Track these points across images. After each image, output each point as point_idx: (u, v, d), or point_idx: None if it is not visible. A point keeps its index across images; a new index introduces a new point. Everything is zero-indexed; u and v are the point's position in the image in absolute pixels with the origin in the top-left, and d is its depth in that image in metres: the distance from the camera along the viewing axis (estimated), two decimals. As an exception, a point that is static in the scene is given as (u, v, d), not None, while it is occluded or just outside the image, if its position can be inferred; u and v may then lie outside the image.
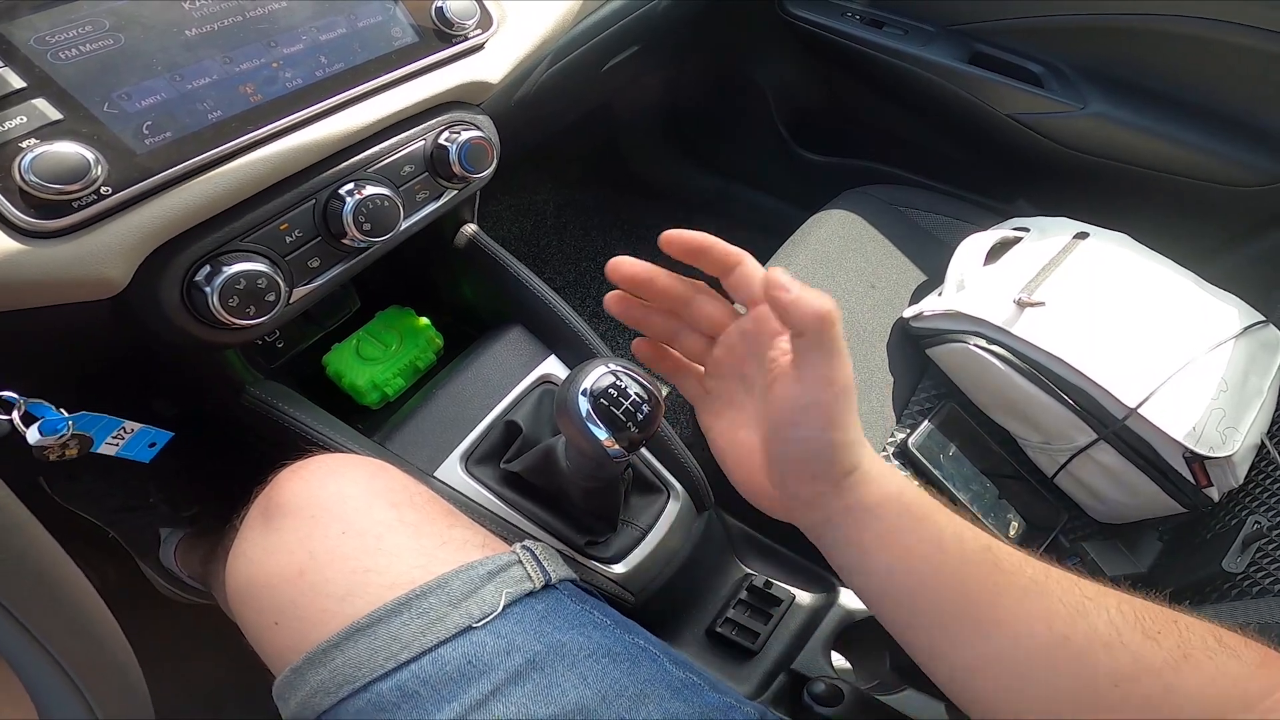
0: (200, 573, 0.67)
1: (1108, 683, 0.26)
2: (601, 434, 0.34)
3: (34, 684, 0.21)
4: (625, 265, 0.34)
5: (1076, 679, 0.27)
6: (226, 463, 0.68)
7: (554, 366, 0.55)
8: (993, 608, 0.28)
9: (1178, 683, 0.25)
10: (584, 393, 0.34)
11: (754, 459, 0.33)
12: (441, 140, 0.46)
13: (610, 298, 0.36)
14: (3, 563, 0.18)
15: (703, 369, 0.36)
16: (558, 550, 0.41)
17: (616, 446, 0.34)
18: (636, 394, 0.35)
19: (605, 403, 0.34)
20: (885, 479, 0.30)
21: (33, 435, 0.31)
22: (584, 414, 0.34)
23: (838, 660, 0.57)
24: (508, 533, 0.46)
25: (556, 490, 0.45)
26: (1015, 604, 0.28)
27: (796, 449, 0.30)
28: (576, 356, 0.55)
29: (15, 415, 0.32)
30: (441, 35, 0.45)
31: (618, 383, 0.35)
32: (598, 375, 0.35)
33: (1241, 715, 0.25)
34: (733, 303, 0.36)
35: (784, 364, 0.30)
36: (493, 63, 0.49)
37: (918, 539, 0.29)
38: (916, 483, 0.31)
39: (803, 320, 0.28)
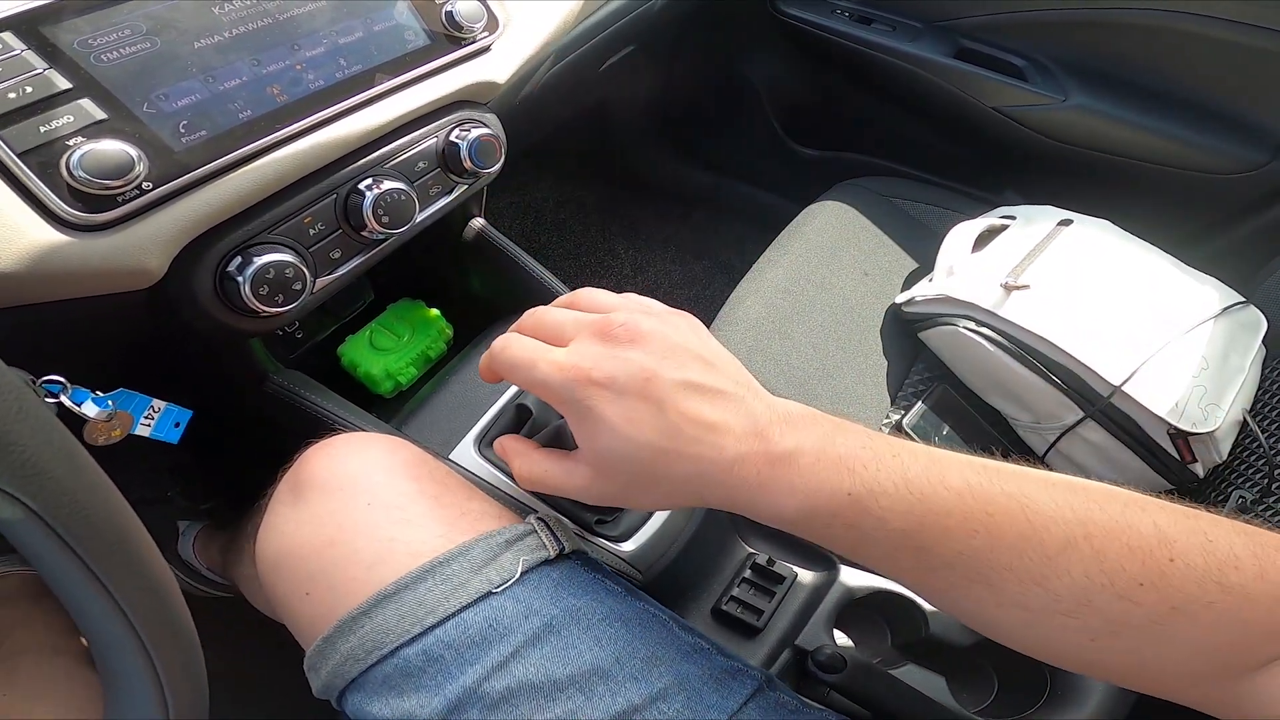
0: (219, 562, 0.69)
1: (1082, 640, 0.26)
2: None
3: (108, 649, 0.22)
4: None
5: (1045, 640, 0.26)
6: (242, 455, 0.70)
7: (562, 353, 0.57)
8: (933, 579, 0.27)
9: (1168, 634, 0.24)
10: None
11: None
12: (453, 137, 0.48)
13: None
14: (92, 527, 0.19)
15: None
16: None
17: None
18: None
19: None
20: (767, 486, 0.28)
21: (89, 408, 0.33)
22: None
23: (840, 637, 0.59)
24: (521, 511, 0.48)
25: None
26: (958, 578, 0.27)
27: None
28: (583, 343, 0.57)
29: (64, 398, 0.34)
30: (451, 38, 0.48)
31: None
32: None
33: (1244, 670, 0.24)
34: None
35: None
36: (499, 63, 0.51)
37: (829, 538, 0.28)
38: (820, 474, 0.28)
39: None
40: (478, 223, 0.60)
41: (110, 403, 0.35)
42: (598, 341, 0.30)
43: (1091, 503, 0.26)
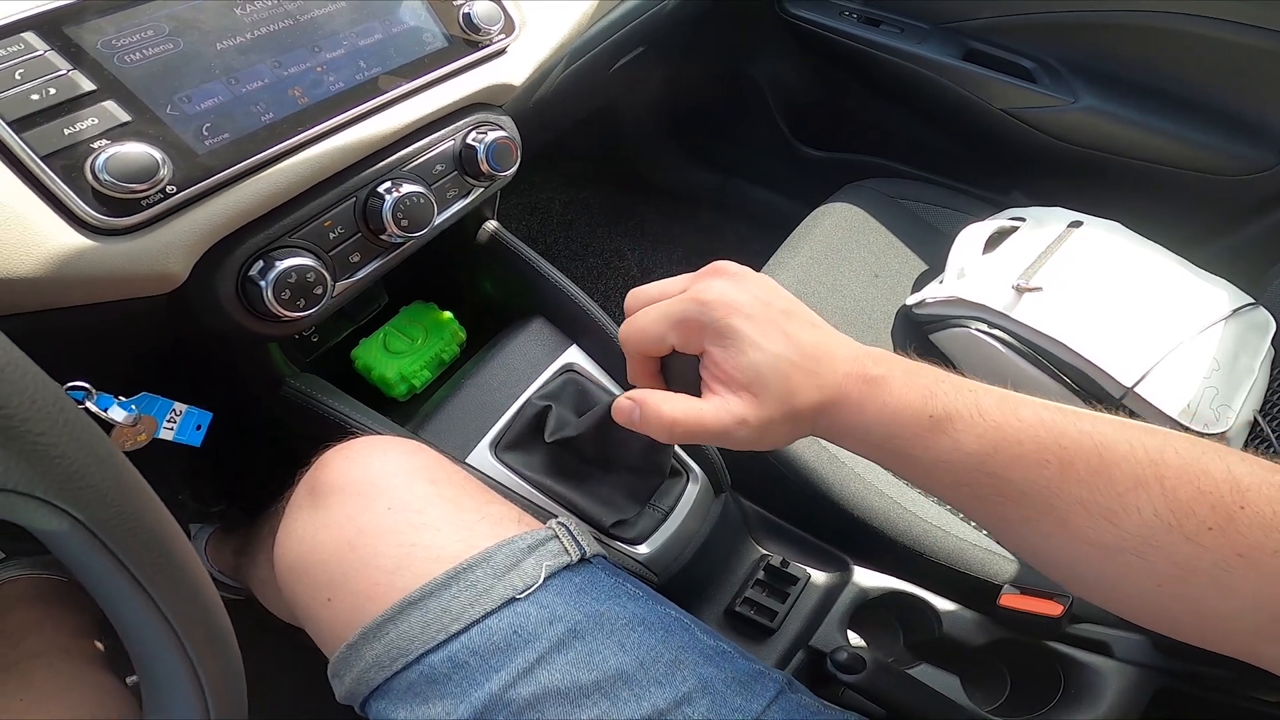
0: (232, 565, 0.68)
1: (1149, 583, 0.25)
2: None
3: (150, 655, 0.22)
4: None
5: (1110, 579, 0.26)
6: (255, 459, 0.70)
7: (576, 355, 0.57)
8: (1002, 510, 0.28)
9: (1232, 582, 0.24)
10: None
11: None
12: (469, 140, 0.48)
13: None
14: (135, 535, 0.19)
15: None
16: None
17: None
18: None
19: None
20: (865, 404, 0.30)
21: (116, 413, 0.33)
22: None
23: (853, 638, 0.59)
24: (538, 514, 0.48)
25: (602, 455, 0.47)
26: (1026, 511, 0.27)
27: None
28: (598, 345, 0.57)
29: (90, 404, 0.33)
30: (468, 40, 0.47)
31: None
32: None
33: None
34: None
35: None
36: (515, 66, 0.51)
37: (909, 461, 0.30)
38: (903, 396, 0.30)
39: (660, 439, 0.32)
40: (491, 225, 0.60)
41: (134, 407, 0.35)
42: (713, 278, 0.33)
43: (1167, 445, 0.26)
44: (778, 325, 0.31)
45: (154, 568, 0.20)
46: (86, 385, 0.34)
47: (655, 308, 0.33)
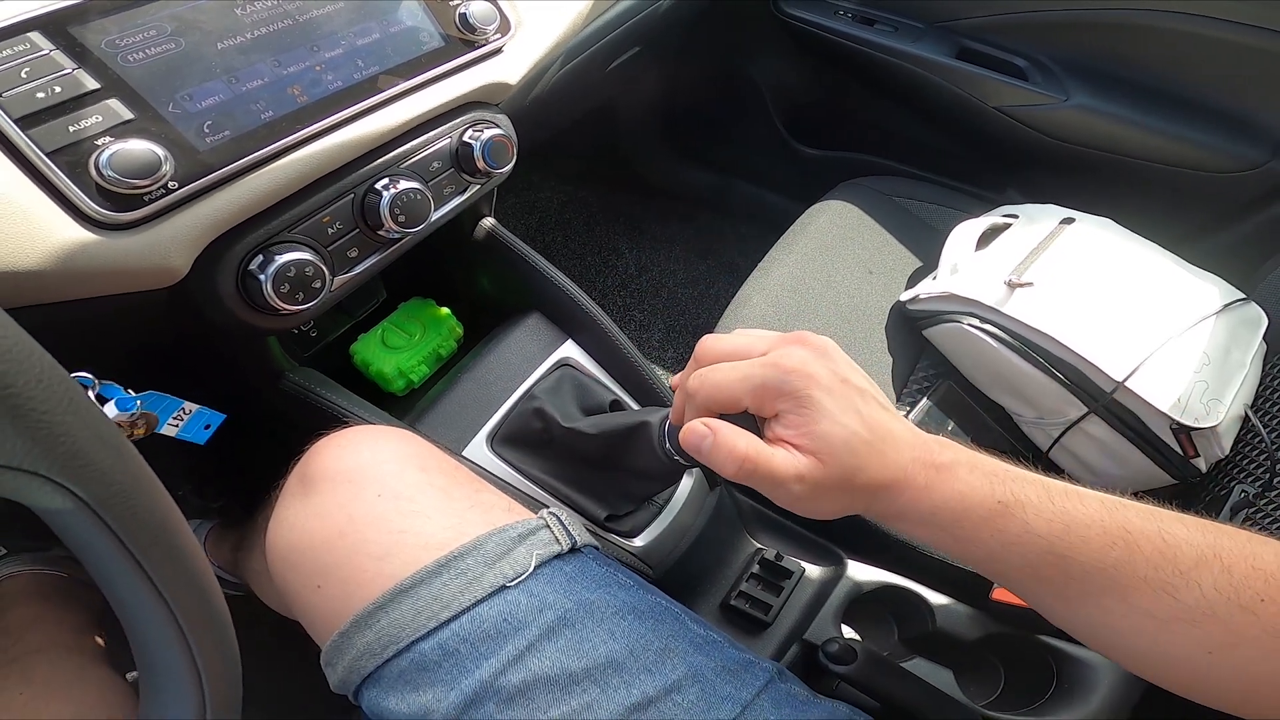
0: (230, 560, 0.69)
1: (1198, 650, 0.27)
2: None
3: (148, 640, 0.22)
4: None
5: (1161, 647, 0.28)
6: (255, 453, 0.70)
7: (572, 350, 0.58)
8: (1064, 589, 0.29)
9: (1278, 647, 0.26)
10: None
11: None
12: (466, 138, 0.49)
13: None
14: (137, 517, 0.20)
15: None
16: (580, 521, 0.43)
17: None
18: None
19: None
20: (932, 489, 0.31)
21: (110, 410, 0.34)
22: None
23: (847, 631, 0.59)
24: (531, 506, 0.49)
25: (612, 462, 0.47)
26: (1090, 588, 0.29)
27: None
28: (594, 341, 0.58)
29: (91, 394, 0.34)
30: (465, 39, 0.48)
31: None
32: None
33: None
34: None
35: None
36: (511, 65, 0.52)
37: (973, 549, 0.31)
38: (971, 482, 0.31)
39: (724, 472, 0.31)
40: (488, 222, 0.60)
41: (138, 404, 0.35)
42: (796, 346, 0.33)
43: (1221, 533, 0.29)
44: (852, 402, 0.31)
45: (154, 548, 0.20)
46: (89, 377, 0.35)
47: (735, 368, 0.33)
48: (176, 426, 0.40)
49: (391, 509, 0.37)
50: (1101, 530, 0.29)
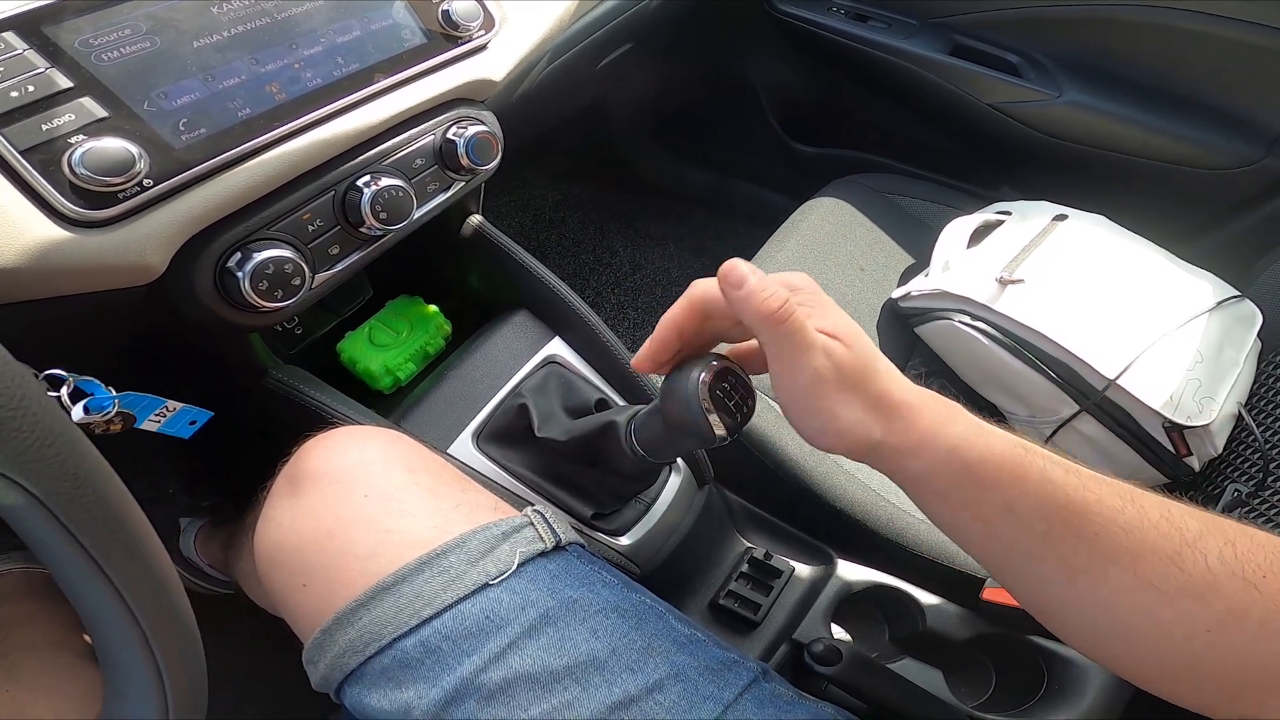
0: (221, 558, 0.69)
1: (1198, 629, 0.26)
2: (714, 417, 0.36)
3: (108, 637, 0.22)
4: (647, 361, 0.36)
5: (1162, 625, 0.27)
6: (243, 452, 0.70)
7: (559, 348, 0.58)
8: (1076, 554, 0.28)
9: (1277, 627, 0.25)
10: (702, 380, 0.36)
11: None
12: (450, 135, 0.49)
13: (642, 367, 0.37)
14: (91, 513, 0.20)
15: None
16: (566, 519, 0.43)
17: (723, 430, 0.36)
18: (744, 385, 0.37)
19: (720, 392, 0.36)
20: (929, 445, 0.30)
21: (77, 413, 0.34)
22: (700, 398, 0.35)
23: (837, 631, 0.59)
24: (517, 504, 0.49)
25: (591, 463, 0.47)
26: (1101, 552, 0.28)
27: (800, 428, 0.32)
28: (581, 339, 0.58)
29: (64, 391, 0.34)
30: (448, 36, 0.48)
31: (730, 374, 0.37)
32: (716, 366, 0.37)
33: None
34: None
35: None
36: (495, 62, 0.52)
37: (983, 503, 0.29)
38: (987, 426, 0.30)
39: (750, 320, 0.29)
40: (475, 219, 0.60)
41: (115, 402, 0.35)
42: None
43: (1215, 517, 0.29)
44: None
45: (111, 547, 0.20)
46: (63, 373, 0.35)
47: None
48: (158, 423, 0.40)
49: (378, 509, 0.37)
50: (1113, 490, 0.28)
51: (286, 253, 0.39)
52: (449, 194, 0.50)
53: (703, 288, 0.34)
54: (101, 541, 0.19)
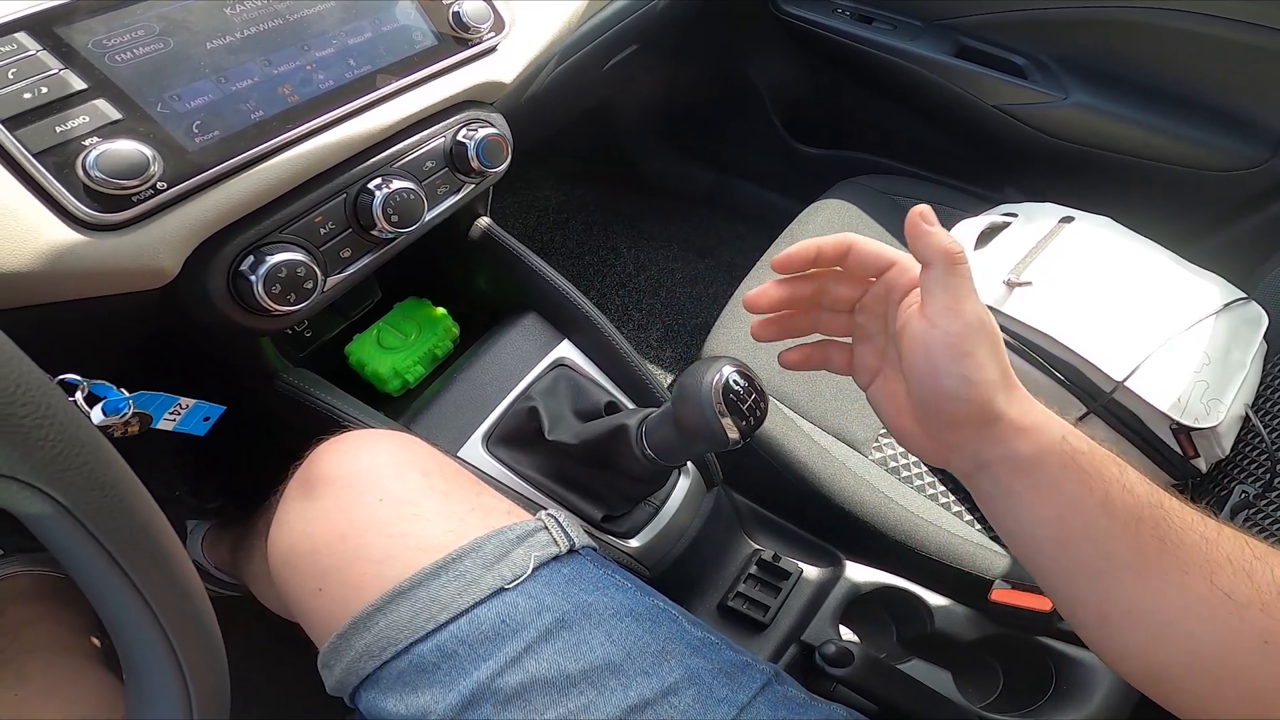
0: (228, 560, 0.69)
1: (1256, 640, 0.26)
2: (727, 421, 0.36)
3: (132, 643, 0.22)
4: (763, 297, 0.36)
5: (1225, 634, 0.27)
6: (251, 454, 0.70)
7: (568, 350, 0.58)
8: (1158, 559, 0.28)
9: None
10: (715, 383, 0.36)
11: (903, 405, 0.34)
12: (460, 137, 0.49)
13: (757, 326, 0.37)
14: (118, 521, 0.20)
15: (849, 339, 0.38)
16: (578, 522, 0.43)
17: (736, 433, 0.36)
18: (757, 389, 0.37)
19: (733, 395, 0.36)
20: (1044, 428, 0.30)
21: (96, 415, 0.33)
22: (714, 402, 0.36)
23: (845, 633, 0.59)
24: (529, 507, 0.49)
25: (602, 466, 0.47)
26: (1181, 558, 0.28)
27: (932, 388, 0.31)
28: (589, 341, 0.58)
29: (79, 396, 0.34)
30: (458, 38, 0.48)
31: (742, 378, 0.36)
32: (729, 370, 0.37)
33: None
34: None
35: (915, 309, 0.32)
36: (506, 63, 0.52)
37: (1084, 494, 0.29)
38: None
39: (929, 252, 0.30)
40: (484, 222, 0.60)
41: (129, 405, 0.35)
42: None
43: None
44: None
45: (136, 552, 0.20)
46: (76, 378, 0.34)
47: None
48: (173, 421, 0.40)
49: (392, 513, 0.37)
50: (1186, 507, 0.29)
51: (299, 256, 0.39)
52: (459, 196, 0.50)
53: (857, 237, 0.35)
54: (128, 549, 0.19)
